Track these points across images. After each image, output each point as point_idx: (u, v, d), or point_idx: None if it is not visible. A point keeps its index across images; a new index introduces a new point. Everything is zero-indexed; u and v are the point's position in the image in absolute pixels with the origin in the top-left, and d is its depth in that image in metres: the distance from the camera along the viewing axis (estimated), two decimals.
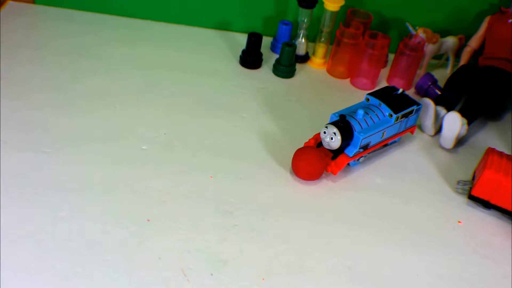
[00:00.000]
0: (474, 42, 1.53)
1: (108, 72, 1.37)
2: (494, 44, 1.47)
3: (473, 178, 1.18)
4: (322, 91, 1.45)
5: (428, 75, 1.47)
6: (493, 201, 1.12)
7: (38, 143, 1.12)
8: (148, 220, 0.99)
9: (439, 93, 1.43)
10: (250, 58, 1.47)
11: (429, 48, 1.49)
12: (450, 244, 1.05)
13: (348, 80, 1.51)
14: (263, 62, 1.51)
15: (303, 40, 1.53)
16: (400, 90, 1.22)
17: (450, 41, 1.53)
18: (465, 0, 1.55)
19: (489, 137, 1.37)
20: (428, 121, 1.31)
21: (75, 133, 1.16)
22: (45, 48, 1.42)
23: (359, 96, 1.45)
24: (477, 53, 1.54)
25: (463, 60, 1.54)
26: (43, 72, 1.33)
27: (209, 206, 1.04)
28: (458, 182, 1.18)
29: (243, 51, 1.48)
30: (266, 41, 1.57)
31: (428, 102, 1.29)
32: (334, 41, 1.49)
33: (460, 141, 1.33)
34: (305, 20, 1.50)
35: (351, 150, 1.13)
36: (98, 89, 1.31)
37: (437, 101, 1.34)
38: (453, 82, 1.40)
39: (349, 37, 1.45)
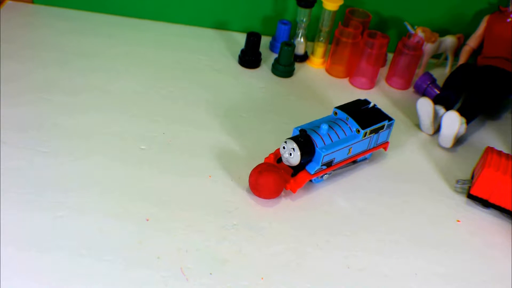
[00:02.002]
0: (472, 41, 1.53)
1: (107, 71, 1.37)
2: (492, 43, 1.47)
3: (472, 177, 1.19)
4: (321, 91, 1.45)
5: (427, 74, 1.47)
6: (492, 200, 1.12)
7: (37, 143, 1.12)
8: (147, 220, 0.99)
9: (438, 92, 1.43)
10: (249, 58, 1.47)
11: (428, 47, 1.49)
12: (449, 243, 1.05)
13: (347, 79, 1.51)
14: (262, 62, 1.51)
15: (302, 39, 1.53)
16: (372, 104, 1.16)
17: (449, 40, 1.53)
18: (464, 0, 1.55)
19: (488, 136, 1.38)
20: (427, 120, 1.31)
21: (74, 133, 1.16)
22: (44, 48, 1.42)
23: (358, 95, 1.45)
24: (476, 52, 1.55)
25: (462, 59, 1.54)
26: (42, 71, 1.33)
27: (208, 206, 1.04)
28: (457, 181, 1.18)
29: (242, 51, 1.48)
30: (265, 40, 1.57)
31: (427, 101, 1.29)
32: (333, 40, 1.49)
33: (459, 140, 1.33)
34: (304, 20, 1.50)
35: (312, 167, 1.06)
36: (97, 88, 1.31)
37: (436, 100, 1.34)
38: (452, 81, 1.40)
39: (348, 37, 1.46)
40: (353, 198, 1.12)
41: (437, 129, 1.33)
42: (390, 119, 1.15)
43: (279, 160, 1.11)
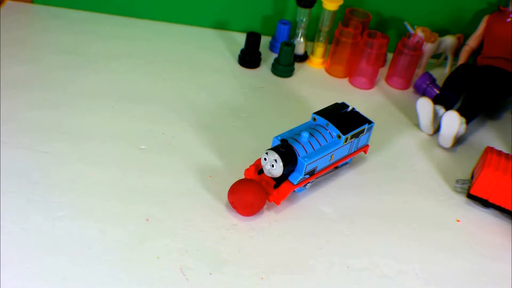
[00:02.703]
0: (472, 41, 1.53)
1: (107, 71, 1.37)
2: (492, 43, 1.48)
3: (472, 177, 1.19)
4: (321, 91, 1.45)
5: (427, 74, 1.47)
6: (491, 200, 1.12)
7: (38, 143, 1.12)
8: (147, 220, 0.99)
9: (438, 92, 1.43)
10: (249, 58, 1.47)
11: (428, 47, 1.49)
12: (449, 243, 1.06)
13: (346, 79, 1.51)
14: (261, 62, 1.51)
15: (301, 39, 1.53)
16: (350, 108, 1.13)
17: (449, 40, 1.54)
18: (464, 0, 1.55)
19: (488, 136, 1.38)
20: (427, 120, 1.31)
21: (74, 133, 1.16)
22: (43, 47, 1.42)
23: (358, 95, 1.45)
24: (476, 52, 1.55)
25: (462, 59, 1.55)
26: (41, 71, 1.33)
27: (208, 206, 1.04)
28: (457, 181, 1.18)
29: (242, 51, 1.48)
30: (265, 40, 1.58)
31: (427, 101, 1.29)
32: (332, 40, 1.49)
33: (458, 140, 1.33)
34: (304, 20, 1.50)
35: (295, 177, 1.03)
36: (97, 89, 1.31)
37: (436, 100, 1.34)
38: (452, 81, 1.40)
39: (347, 37, 1.46)
40: (353, 198, 1.12)
41: (437, 129, 1.33)
42: (369, 122, 1.13)
43: (260, 171, 1.07)
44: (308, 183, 1.07)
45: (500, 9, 1.47)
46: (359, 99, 1.44)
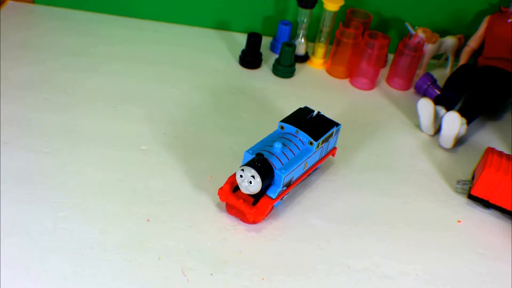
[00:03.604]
0: (473, 42, 1.53)
1: (108, 71, 1.37)
2: (493, 43, 1.48)
3: (473, 178, 1.19)
4: (321, 91, 1.45)
5: (428, 75, 1.47)
6: (492, 201, 1.12)
7: (38, 143, 1.12)
8: (148, 220, 0.99)
9: (439, 92, 1.43)
10: (250, 58, 1.47)
11: (429, 48, 1.49)
12: (450, 244, 1.05)
13: (347, 80, 1.51)
14: (262, 62, 1.51)
15: (302, 40, 1.53)
16: (316, 112, 1.10)
17: (450, 41, 1.54)
18: (465, 0, 1.55)
19: (489, 137, 1.38)
20: (428, 121, 1.31)
21: (75, 133, 1.16)
22: (45, 48, 1.42)
23: (359, 96, 1.45)
24: (477, 53, 1.55)
25: (463, 59, 1.55)
26: (42, 71, 1.33)
27: (209, 206, 1.04)
28: (458, 182, 1.18)
29: (243, 51, 1.48)
30: (266, 41, 1.58)
31: (428, 102, 1.29)
32: (333, 41, 1.49)
33: (459, 141, 1.33)
34: (305, 20, 1.50)
35: (273, 191, 0.98)
36: (98, 89, 1.31)
37: (437, 101, 1.34)
38: (453, 82, 1.40)
39: (348, 37, 1.46)
40: (354, 199, 1.12)
41: (438, 130, 1.33)
42: (337, 124, 1.10)
43: (236, 188, 1.01)
44: (285, 195, 1.03)
45: (501, 9, 1.47)
46: (360, 100, 1.44)
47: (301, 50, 1.54)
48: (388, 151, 1.27)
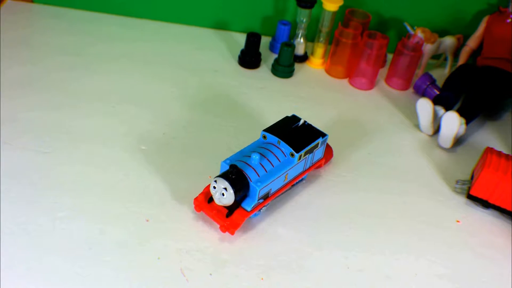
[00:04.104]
0: (472, 42, 1.53)
1: (107, 71, 1.37)
2: (492, 43, 1.48)
3: (472, 178, 1.19)
4: (320, 91, 1.45)
5: (427, 75, 1.47)
6: (491, 201, 1.12)
7: (38, 144, 1.12)
8: (147, 221, 0.99)
9: (438, 92, 1.43)
10: (249, 58, 1.47)
11: (428, 48, 1.49)
12: (449, 244, 1.06)
13: (346, 80, 1.51)
14: (261, 62, 1.51)
15: (301, 40, 1.53)
16: (302, 121, 1.06)
17: (449, 41, 1.54)
18: (464, 0, 1.55)
19: (488, 137, 1.38)
20: (427, 121, 1.31)
21: (75, 133, 1.16)
22: (43, 48, 1.42)
23: (358, 96, 1.45)
24: (476, 52, 1.55)
25: (462, 59, 1.55)
26: (41, 71, 1.33)
27: None
28: (457, 182, 1.18)
29: (242, 51, 1.48)
30: (265, 41, 1.58)
31: (427, 102, 1.29)
32: (332, 41, 1.49)
33: (458, 141, 1.33)
34: (304, 20, 1.50)
35: (248, 203, 0.96)
36: (97, 89, 1.31)
37: (436, 101, 1.34)
38: (452, 82, 1.40)
39: (347, 37, 1.46)
40: (353, 198, 1.12)
41: (437, 130, 1.33)
42: (323, 135, 1.06)
43: (210, 199, 0.99)
44: (263, 207, 1.00)
45: (500, 9, 1.47)
46: (359, 100, 1.44)
47: (300, 50, 1.55)
48: (387, 151, 1.27)
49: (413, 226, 1.08)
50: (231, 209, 0.97)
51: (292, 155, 1.00)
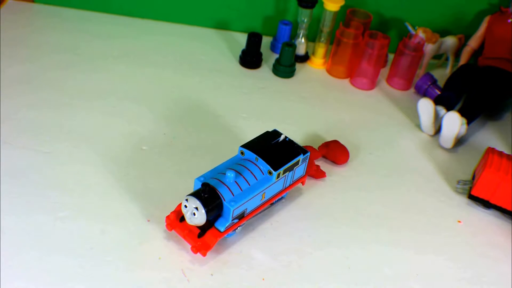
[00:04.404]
0: (473, 42, 1.53)
1: (107, 71, 1.37)
2: (493, 44, 1.47)
3: (473, 178, 1.19)
4: (321, 91, 1.45)
5: (428, 75, 1.47)
6: (493, 201, 1.12)
7: (38, 143, 1.12)
8: (148, 221, 0.99)
9: (439, 93, 1.43)
10: (250, 58, 1.47)
11: (429, 48, 1.49)
12: (450, 244, 1.05)
13: (347, 80, 1.51)
14: (262, 62, 1.51)
15: (303, 40, 1.53)
16: (282, 137, 1.01)
17: (450, 41, 1.53)
18: (465, 0, 1.55)
19: (489, 137, 1.38)
20: (428, 121, 1.31)
21: (75, 133, 1.16)
22: (44, 47, 1.42)
23: (359, 96, 1.45)
24: (477, 53, 1.55)
25: (463, 60, 1.55)
26: (42, 71, 1.33)
27: None
28: (458, 182, 1.18)
29: (243, 51, 1.48)
30: (266, 40, 1.57)
31: (428, 102, 1.29)
32: (334, 41, 1.49)
33: (459, 141, 1.33)
34: (305, 20, 1.50)
35: (222, 224, 0.91)
36: (98, 89, 1.30)
37: (437, 101, 1.34)
38: (453, 82, 1.40)
39: (349, 37, 1.46)
40: (353, 199, 1.12)
41: (438, 130, 1.33)
42: (304, 152, 1.01)
43: (182, 218, 0.94)
44: (238, 227, 0.96)
45: (501, 10, 1.47)
46: (360, 100, 1.44)
47: (301, 50, 1.54)
48: (388, 151, 1.27)
49: (414, 226, 1.08)
50: (203, 229, 0.92)
51: (270, 173, 0.95)
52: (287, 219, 1.04)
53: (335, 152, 1.18)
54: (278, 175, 0.96)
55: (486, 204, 1.13)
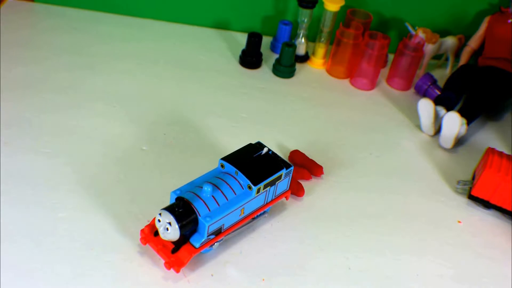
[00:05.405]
0: (473, 42, 1.53)
1: (108, 71, 1.37)
2: (493, 44, 1.47)
3: (473, 178, 1.19)
4: (321, 91, 1.45)
5: (428, 75, 1.47)
6: (493, 201, 1.12)
7: (39, 144, 1.12)
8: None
9: (439, 93, 1.43)
10: (250, 58, 1.47)
11: (429, 48, 1.49)
12: (450, 244, 1.05)
13: (347, 80, 1.51)
14: (263, 62, 1.51)
15: (303, 40, 1.53)
16: (265, 150, 0.97)
17: (450, 41, 1.53)
18: (465, 0, 1.55)
19: (489, 137, 1.38)
20: (428, 121, 1.31)
21: (75, 133, 1.16)
22: (44, 48, 1.42)
23: (359, 96, 1.45)
24: (477, 53, 1.55)
25: (463, 60, 1.55)
26: (43, 70, 1.33)
27: None
28: (458, 182, 1.18)
29: (243, 51, 1.48)
30: (266, 40, 1.57)
31: (428, 102, 1.29)
32: (334, 41, 1.49)
33: (459, 141, 1.33)
34: (305, 20, 1.50)
35: (197, 239, 0.87)
36: (98, 88, 1.30)
37: (437, 101, 1.34)
38: (453, 82, 1.40)
39: (349, 37, 1.46)
40: (354, 199, 1.12)
41: (438, 130, 1.33)
42: (288, 166, 0.96)
43: (157, 232, 0.90)
44: (215, 242, 0.91)
45: (501, 10, 1.47)
46: (360, 100, 1.44)
47: (301, 50, 1.54)
48: (388, 151, 1.27)
49: (414, 226, 1.08)
50: (177, 245, 0.88)
51: (250, 187, 0.91)
52: (287, 219, 1.04)
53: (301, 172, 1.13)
54: (258, 190, 0.92)
55: (486, 204, 1.13)
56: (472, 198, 1.14)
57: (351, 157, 1.22)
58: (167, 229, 0.85)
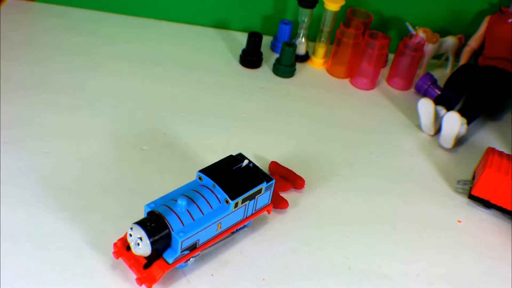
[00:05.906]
0: (474, 42, 1.53)
1: (108, 71, 1.37)
2: (494, 43, 1.47)
3: (473, 178, 1.19)
4: (322, 91, 1.45)
5: (428, 75, 1.47)
6: (493, 201, 1.12)
7: (39, 143, 1.12)
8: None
9: (439, 92, 1.43)
10: (250, 58, 1.47)
11: (429, 48, 1.49)
12: (450, 244, 1.06)
13: (348, 80, 1.51)
14: (263, 62, 1.51)
15: (303, 39, 1.53)
16: (245, 162, 0.93)
17: (450, 41, 1.53)
18: (465, 0, 1.55)
19: (489, 137, 1.38)
20: (428, 121, 1.31)
21: (75, 133, 1.16)
22: (45, 48, 1.42)
23: (359, 96, 1.45)
24: (477, 52, 1.55)
25: (463, 59, 1.54)
26: (43, 70, 1.33)
27: None
28: (458, 182, 1.18)
29: (243, 51, 1.48)
30: (266, 40, 1.57)
31: (428, 102, 1.29)
32: (334, 40, 1.49)
33: (459, 141, 1.33)
34: (305, 20, 1.50)
35: (170, 255, 0.84)
36: (98, 88, 1.30)
37: (437, 101, 1.34)
38: (453, 82, 1.40)
39: (349, 37, 1.46)
40: (354, 199, 1.12)
41: (438, 130, 1.33)
42: (269, 179, 0.93)
43: (129, 247, 0.87)
44: (191, 258, 0.88)
45: (502, 9, 1.47)
46: (360, 100, 1.44)
47: (301, 49, 1.54)
48: (388, 151, 1.27)
49: (414, 226, 1.08)
50: (150, 260, 0.86)
51: (227, 202, 0.87)
52: (287, 219, 1.04)
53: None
54: (236, 205, 0.88)
55: (486, 204, 1.13)
56: (472, 198, 1.14)
57: (351, 157, 1.22)
58: (138, 244, 0.82)
